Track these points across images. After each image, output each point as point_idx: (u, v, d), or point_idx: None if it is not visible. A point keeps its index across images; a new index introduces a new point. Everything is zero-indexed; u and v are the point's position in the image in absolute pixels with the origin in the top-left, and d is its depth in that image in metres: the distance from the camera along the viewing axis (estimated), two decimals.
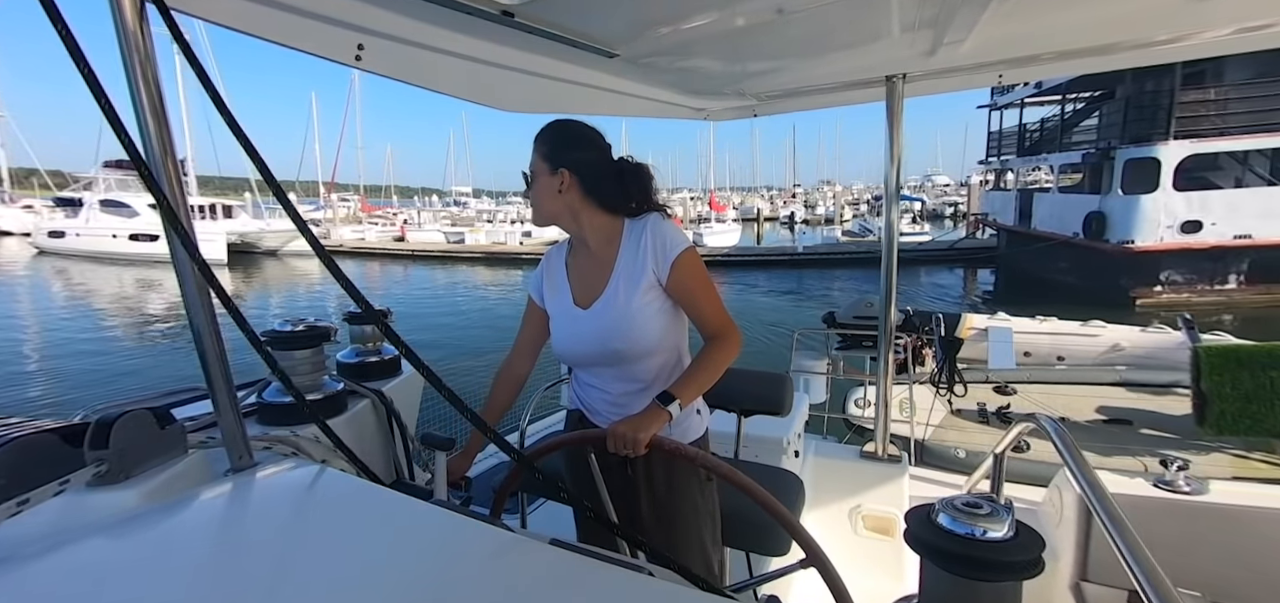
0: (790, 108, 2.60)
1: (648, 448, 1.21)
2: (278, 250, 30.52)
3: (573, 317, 1.45)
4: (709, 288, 1.39)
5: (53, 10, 0.78)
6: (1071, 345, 6.56)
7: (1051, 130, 19.42)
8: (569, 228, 1.45)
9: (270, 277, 26.09)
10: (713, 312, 1.38)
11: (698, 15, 1.39)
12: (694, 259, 1.37)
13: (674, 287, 1.36)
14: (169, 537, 0.86)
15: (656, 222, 1.39)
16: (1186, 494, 1.92)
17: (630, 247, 1.39)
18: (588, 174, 1.38)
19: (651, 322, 1.37)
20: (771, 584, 1.35)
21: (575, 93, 1.90)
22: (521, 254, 30.75)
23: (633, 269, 1.37)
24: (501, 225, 36.94)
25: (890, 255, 2.42)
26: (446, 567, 0.80)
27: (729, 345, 1.36)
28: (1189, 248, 13.79)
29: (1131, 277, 14.36)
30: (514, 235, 33.78)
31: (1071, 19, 1.64)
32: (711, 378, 1.34)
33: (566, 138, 1.40)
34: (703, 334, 1.40)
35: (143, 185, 0.91)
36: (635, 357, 1.39)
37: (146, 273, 24.22)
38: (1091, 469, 1.18)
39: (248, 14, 1.06)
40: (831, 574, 0.94)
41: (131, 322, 16.86)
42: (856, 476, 2.58)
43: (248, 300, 19.84)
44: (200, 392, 1.28)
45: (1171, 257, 13.97)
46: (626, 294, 1.37)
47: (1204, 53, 1.87)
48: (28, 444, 0.99)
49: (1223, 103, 13.98)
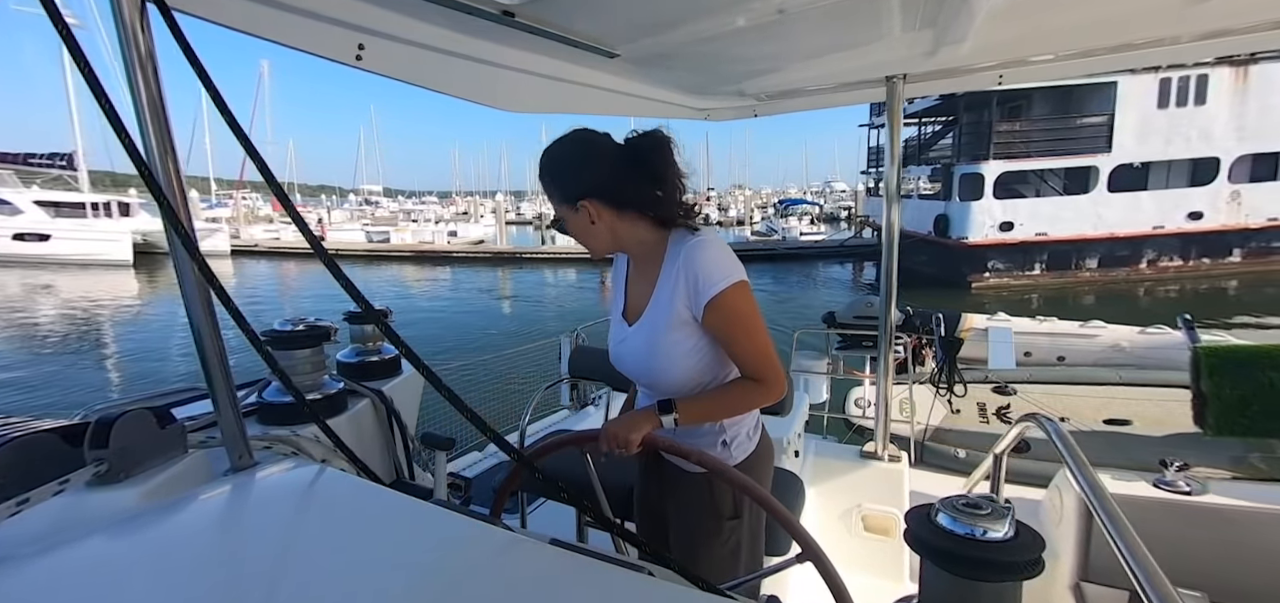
0: (790, 108, 2.60)
1: (641, 446, 1.20)
2: None
3: (621, 328, 1.38)
4: (751, 332, 1.23)
5: (53, 10, 0.78)
6: (1071, 345, 6.55)
7: (913, 148, 23.90)
8: (621, 249, 1.34)
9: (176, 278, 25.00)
10: (750, 357, 1.24)
11: (698, 16, 1.39)
12: (736, 299, 1.20)
13: (710, 326, 1.23)
14: (169, 537, 0.86)
15: (694, 249, 1.22)
16: (1186, 494, 1.91)
17: (669, 272, 1.25)
18: (607, 190, 1.23)
19: (681, 361, 1.26)
20: (771, 584, 1.35)
21: (575, 93, 1.90)
22: (451, 253, 30.57)
23: (667, 299, 1.25)
24: (427, 225, 36.54)
25: (890, 256, 2.42)
26: (446, 567, 0.80)
27: (760, 391, 1.25)
28: (1005, 243, 18.21)
29: (968, 266, 18.47)
30: (440, 234, 33.76)
31: (1071, 19, 1.64)
32: (724, 412, 1.28)
33: (569, 166, 1.24)
34: (742, 373, 1.28)
35: (144, 186, 0.91)
36: (668, 388, 1.30)
37: (33, 276, 22.25)
38: (1091, 469, 1.18)
39: (248, 14, 1.06)
40: (826, 567, 0.94)
41: (19, 330, 15.36)
42: (856, 476, 2.58)
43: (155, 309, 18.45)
44: (200, 392, 1.28)
45: (994, 250, 18.31)
46: (658, 325, 1.26)
47: (1204, 53, 1.88)
48: (28, 444, 0.99)
49: (1027, 133, 18.77)
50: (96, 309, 18.01)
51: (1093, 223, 17.87)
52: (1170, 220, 17.87)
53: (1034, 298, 17.34)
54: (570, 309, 19.01)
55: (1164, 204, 17.93)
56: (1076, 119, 18.48)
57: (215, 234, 29.65)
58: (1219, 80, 17.39)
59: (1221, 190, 17.66)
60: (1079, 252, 18.23)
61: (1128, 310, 15.28)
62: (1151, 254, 18.21)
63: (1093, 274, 18.36)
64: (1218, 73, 17.37)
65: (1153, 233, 17.95)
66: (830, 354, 5.96)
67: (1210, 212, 17.74)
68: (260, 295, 21.50)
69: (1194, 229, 17.90)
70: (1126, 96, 17.58)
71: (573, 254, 29.88)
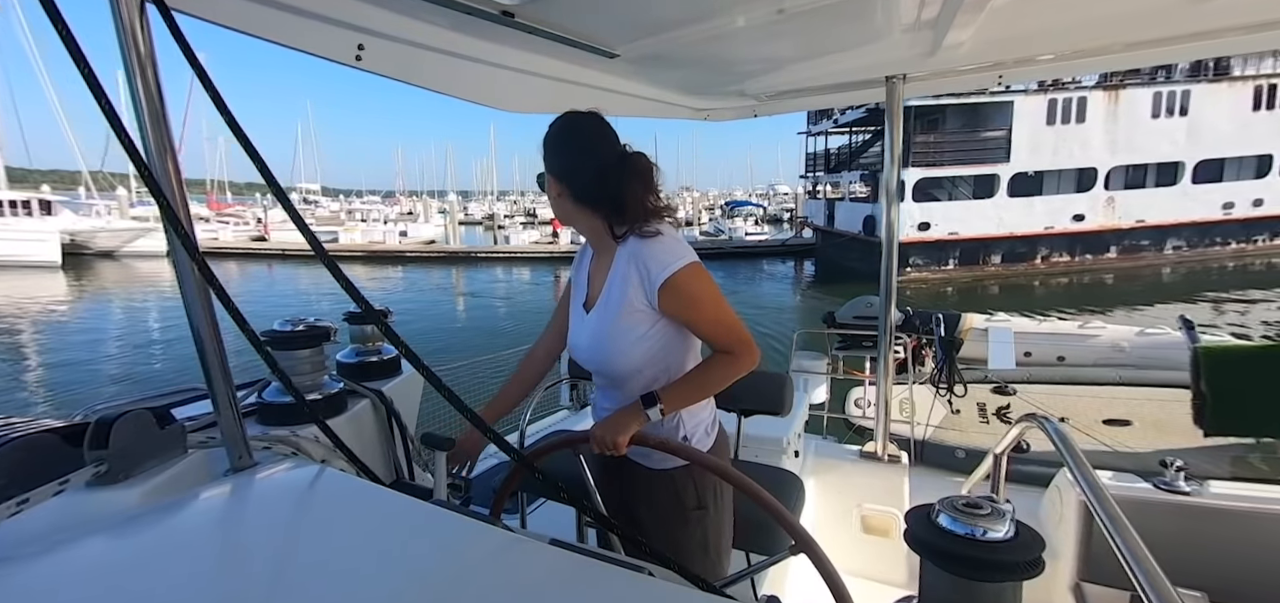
0: (791, 108, 2.60)
1: (630, 445, 1.20)
2: (115, 251, 27.64)
3: (579, 317, 1.43)
4: (709, 305, 1.28)
5: (53, 10, 0.78)
6: (1071, 346, 6.55)
7: (844, 155, 28.14)
8: (572, 227, 1.41)
9: (109, 280, 23.21)
10: (715, 329, 1.28)
11: (698, 16, 1.39)
12: (688, 279, 1.25)
13: (669, 310, 1.27)
14: (168, 537, 0.86)
15: (643, 240, 1.27)
16: (1186, 494, 1.91)
17: (620, 263, 1.31)
18: (573, 180, 1.31)
19: (629, 347, 1.30)
20: (771, 584, 1.35)
21: (575, 93, 1.90)
22: (403, 253, 30.38)
23: (618, 288, 1.30)
24: (377, 225, 36.08)
25: (890, 256, 2.42)
26: (446, 567, 0.80)
27: (733, 362, 1.28)
28: (924, 241, 20.74)
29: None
30: (391, 234, 33.46)
31: (1071, 19, 1.64)
32: (706, 390, 1.30)
33: (557, 142, 1.32)
34: (713, 349, 1.32)
35: (143, 184, 0.91)
36: (618, 374, 1.34)
37: None
38: (1091, 469, 1.18)
39: (248, 14, 1.07)
40: (820, 558, 0.94)
41: None
42: (856, 476, 2.58)
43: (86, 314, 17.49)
44: (200, 392, 1.28)
45: (915, 247, 20.63)
46: (610, 312, 1.31)
47: (1204, 54, 1.88)
48: (28, 444, 0.99)
49: (941, 144, 21.33)
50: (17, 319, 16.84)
51: (995, 224, 20.72)
52: (1059, 221, 20.89)
53: (949, 290, 19.96)
54: (525, 305, 19.78)
55: (1053, 207, 20.88)
56: (981, 133, 21.30)
57: (150, 234, 28.05)
58: (1095, 102, 20.56)
59: (1099, 196, 20.90)
60: (985, 249, 21.05)
61: (1027, 300, 17.75)
62: (1045, 251, 21.16)
63: (997, 268, 21.24)
64: (1094, 95, 20.54)
65: (1045, 232, 20.90)
66: (830, 354, 5.96)
67: (1090, 214, 20.92)
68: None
69: (1078, 229, 21.01)
70: (1022, 114, 20.43)
71: (526, 253, 30.46)
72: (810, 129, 30.28)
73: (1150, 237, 21.47)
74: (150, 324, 15.91)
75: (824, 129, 29.08)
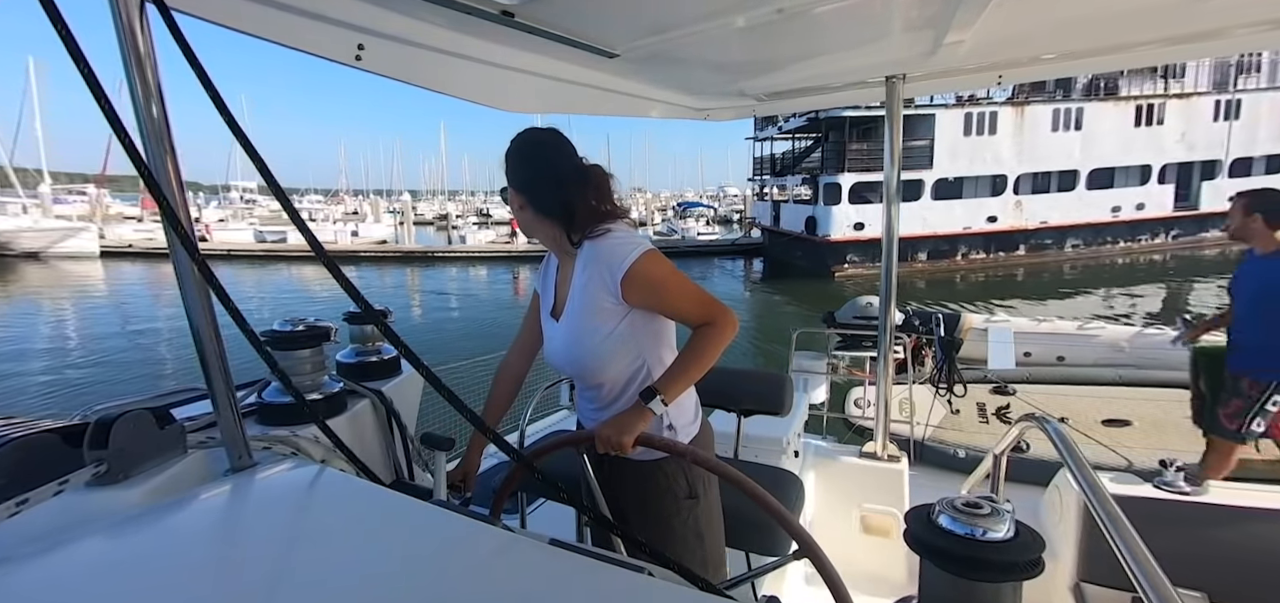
0: (791, 107, 2.60)
1: (636, 446, 1.20)
2: (41, 253, 26.03)
3: (549, 324, 1.47)
4: (674, 284, 1.32)
5: (53, 10, 0.78)
6: (1071, 346, 6.54)
7: (789, 160, 30.20)
8: (534, 237, 1.45)
9: (34, 283, 21.88)
10: (688, 305, 1.31)
11: (698, 16, 1.39)
12: (648, 266, 1.29)
13: (636, 300, 1.30)
14: (168, 537, 0.86)
15: (599, 240, 1.32)
16: (1186, 494, 1.91)
17: (581, 267, 1.35)
18: (533, 193, 1.36)
19: (601, 347, 1.33)
20: (770, 584, 1.35)
21: (576, 93, 1.90)
22: (358, 252, 29.94)
23: (582, 290, 1.34)
24: (327, 224, 35.56)
25: (890, 256, 2.42)
26: (446, 567, 0.80)
27: (716, 332, 1.29)
28: (859, 239, 22.54)
29: (831, 259, 22.93)
30: (342, 233, 33.26)
31: (1071, 20, 1.64)
32: (701, 368, 1.29)
33: (519, 157, 1.37)
34: (690, 327, 1.34)
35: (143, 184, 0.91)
36: (595, 373, 1.37)
37: None
38: (1091, 469, 1.18)
39: (248, 14, 1.07)
40: (822, 562, 0.94)
41: None
42: (856, 476, 2.58)
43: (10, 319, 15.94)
44: (200, 392, 1.28)
45: (850, 246, 22.77)
46: (578, 315, 1.35)
47: (1204, 54, 1.88)
48: (28, 444, 0.99)
49: (873, 150, 22.35)
50: None
51: (921, 223, 22.41)
52: (975, 222, 23.31)
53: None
54: (484, 300, 20.42)
55: (971, 209, 23.31)
56: (909, 141, 22.19)
57: (81, 234, 26.87)
58: (1005, 116, 23.05)
59: (1010, 200, 23.42)
60: (913, 247, 22.76)
61: (950, 292, 19.77)
62: (964, 249, 23.43)
63: (923, 265, 23.12)
64: (1004, 110, 23.06)
65: (964, 232, 23.19)
66: (830, 354, 5.96)
67: (1002, 216, 23.43)
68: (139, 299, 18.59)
69: (991, 230, 23.50)
70: (942, 125, 22.75)
71: (482, 253, 30.59)
72: (757, 135, 31.97)
73: (1053, 236, 24.05)
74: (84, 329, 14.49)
75: (769, 135, 31.11)
